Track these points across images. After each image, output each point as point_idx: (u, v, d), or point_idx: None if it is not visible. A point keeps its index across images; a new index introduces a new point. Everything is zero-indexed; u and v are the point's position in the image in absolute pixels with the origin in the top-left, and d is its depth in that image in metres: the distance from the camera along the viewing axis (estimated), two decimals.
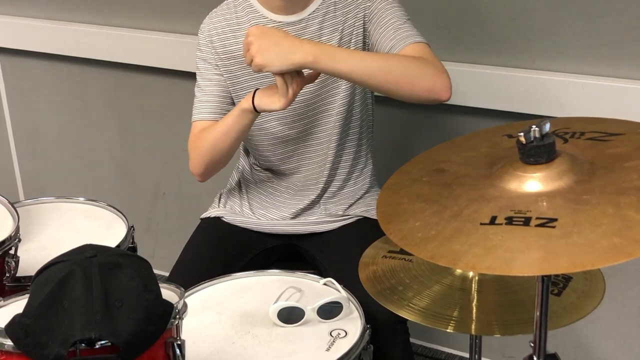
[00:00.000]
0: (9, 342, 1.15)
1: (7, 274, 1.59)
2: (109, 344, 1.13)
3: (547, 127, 1.18)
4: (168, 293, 1.29)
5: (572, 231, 1.06)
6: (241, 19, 1.84)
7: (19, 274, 1.62)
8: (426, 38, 1.79)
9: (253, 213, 1.96)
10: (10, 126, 3.16)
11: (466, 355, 2.47)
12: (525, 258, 1.05)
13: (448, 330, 1.36)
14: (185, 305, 1.27)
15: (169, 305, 1.21)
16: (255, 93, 1.70)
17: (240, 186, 2.03)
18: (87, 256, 1.17)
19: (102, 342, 1.12)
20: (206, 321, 1.57)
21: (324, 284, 1.64)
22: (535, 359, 1.24)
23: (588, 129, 1.31)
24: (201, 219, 2.02)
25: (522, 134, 1.17)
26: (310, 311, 1.53)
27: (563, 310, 1.38)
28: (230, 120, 1.75)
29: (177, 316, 1.23)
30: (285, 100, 1.65)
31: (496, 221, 1.12)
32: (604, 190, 1.12)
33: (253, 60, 1.62)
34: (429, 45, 1.75)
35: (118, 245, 1.75)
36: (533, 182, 1.17)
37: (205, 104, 1.84)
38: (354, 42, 1.81)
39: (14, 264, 1.60)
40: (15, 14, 2.92)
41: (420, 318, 1.38)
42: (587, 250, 1.03)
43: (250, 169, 2.00)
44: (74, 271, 1.15)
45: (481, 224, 1.12)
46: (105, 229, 1.89)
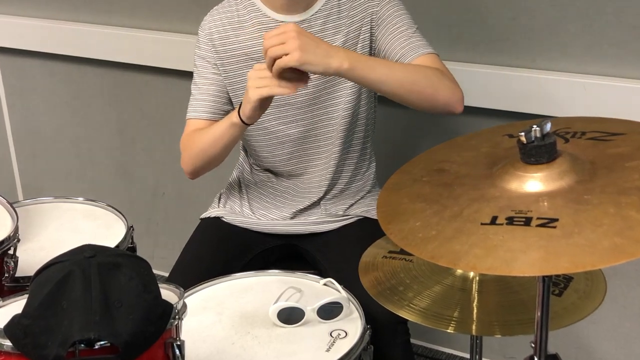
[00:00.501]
0: (8, 343, 1.15)
1: (6, 274, 1.59)
2: (108, 344, 1.12)
3: (548, 127, 1.18)
4: (167, 293, 1.29)
5: (573, 231, 1.05)
6: (243, 17, 1.83)
7: (18, 274, 1.61)
8: (427, 37, 1.79)
9: (253, 213, 1.96)
10: (9, 126, 3.16)
11: (467, 355, 2.47)
12: (526, 258, 1.05)
13: (449, 331, 1.36)
14: (184, 305, 1.26)
15: (168, 306, 1.21)
16: (240, 106, 1.68)
17: (240, 186, 2.02)
18: (87, 256, 1.17)
19: (102, 343, 1.12)
20: (206, 321, 1.56)
21: (324, 284, 1.64)
22: (536, 359, 1.24)
23: (589, 128, 1.31)
24: (201, 219, 2.02)
25: (523, 134, 1.17)
26: (310, 311, 1.53)
27: (564, 311, 1.38)
28: (220, 131, 1.74)
29: (177, 316, 1.23)
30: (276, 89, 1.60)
31: (497, 221, 1.11)
32: (605, 190, 1.12)
33: (292, 54, 1.54)
34: (438, 55, 1.76)
35: (117, 246, 1.75)
36: (534, 182, 1.17)
37: (200, 102, 1.84)
38: (361, 47, 1.81)
39: (13, 264, 1.59)
40: (14, 13, 2.92)
41: (420, 318, 1.38)
42: (588, 250, 1.02)
43: (250, 169, 2.00)
44: (73, 271, 1.15)
45: (482, 224, 1.12)
46: (104, 229, 1.88)
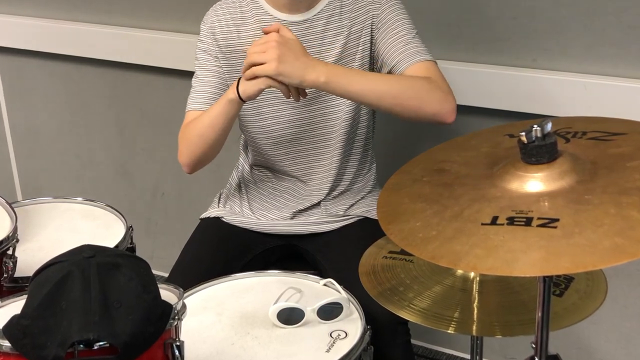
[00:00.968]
0: (6, 343, 1.14)
1: (5, 275, 1.59)
2: (108, 345, 1.12)
3: (549, 127, 1.17)
4: (167, 294, 1.29)
5: (574, 231, 1.05)
6: (245, 14, 1.84)
7: (17, 274, 1.61)
8: (427, 37, 1.78)
9: (253, 213, 1.96)
10: (8, 126, 3.15)
11: (467, 356, 2.47)
12: (527, 258, 1.05)
13: (449, 331, 1.36)
14: (184, 306, 1.26)
15: (167, 306, 1.21)
16: (239, 81, 1.69)
17: (240, 186, 2.02)
18: (86, 257, 1.17)
19: (101, 343, 1.12)
20: (206, 322, 1.56)
21: (324, 285, 1.64)
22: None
23: (590, 128, 1.31)
24: (201, 219, 2.02)
25: (524, 134, 1.17)
26: (310, 312, 1.53)
27: (565, 311, 1.38)
28: (217, 111, 1.74)
29: (176, 317, 1.23)
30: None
31: (497, 221, 1.11)
32: (606, 190, 1.12)
33: (269, 64, 1.61)
34: (436, 62, 1.76)
35: (117, 246, 1.75)
36: (534, 182, 1.16)
37: (201, 94, 1.84)
38: (362, 50, 1.81)
39: (11, 264, 1.59)
40: (14, 13, 2.92)
41: (421, 319, 1.38)
42: (589, 250, 1.02)
43: (250, 169, 2.00)
44: (72, 272, 1.14)
45: (482, 224, 1.12)
46: (103, 229, 1.88)
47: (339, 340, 1.48)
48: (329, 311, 1.54)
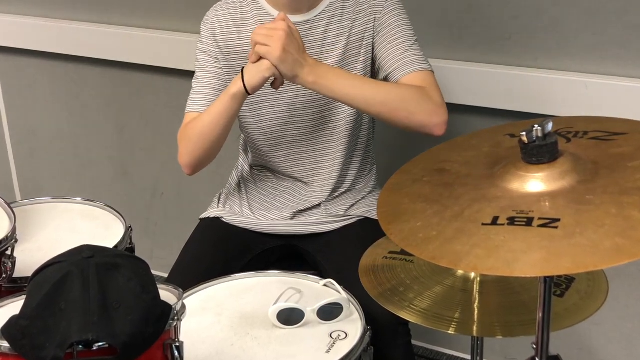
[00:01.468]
0: (5, 344, 1.14)
1: (4, 275, 1.58)
2: (107, 345, 1.12)
3: (550, 127, 1.17)
4: (166, 294, 1.28)
5: (575, 232, 1.05)
6: (246, 14, 1.83)
7: (16, 274, 1.60)
8: (428, 36, 1.78)
9: (253, 213, 1.95)
10: (7, 125, 3.15)
11: (468, 357, 2.46)
12: (528, 259, 1.04)
13: (449, 332, 1.36)
14: (183, 306, 1.26)
15: (167, 307, 1.21)
16: (242, 75, 1.69)
17: (239, 186, 2.02)
18: (85, 257, 1.17)
19: (100, 344, 1.12)
20: (205, 322, 1.56)
21: (324, 285, 1.63)
22: None
23: (591, 128, 1.31)
24: (200, 219, 2.01)
25: (525, 134, 1.16)
26: (310, 312, 1.52)
27: (566, 312, 1.37)
28: (218, 108, 1.73)
29: (176, 317, 1.23)
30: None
31: (498, 221, 1.11)
32: (607, 191, 1.12)
33: (274, 51, 1.61)
34: (433, 72, 1.76)
35: (116, 246, 1.74)
36: (535, 182, 1.16)
37: (201, 95, 1.83)
38: (364, 52, 1.81)
39: (10, 264, 1.58)
40: (12, 12, 2.91)
41: (421, 319, 1.38)
42: (590, 251, 1.02)
43: (250, 169, 1.99)
44: (71, 272, 1.14)
45: (483, 224, 1.12)
46: (103, 229, 1.87)
47: (339, 340, 1.48)
48: (329, 312, 1.53)
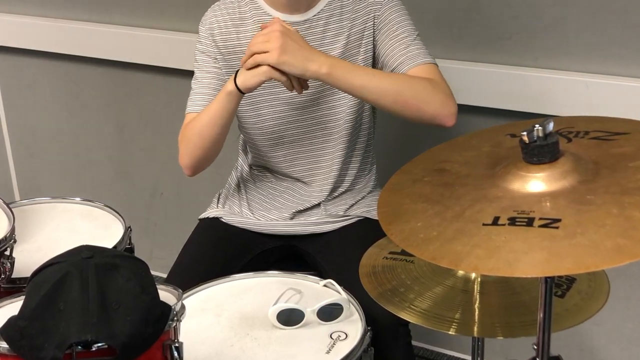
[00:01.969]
0: (4, 345, 1.14)
1: (3, 276, 1.58)
2: (106, 346, 1.12)
3: (551, 126, 1.17)
4: (166, 295, 1.28)
5: (576, 232, 1.05)
6: (244, 14, 1.83)
7: (15, 275, 1.60)
8: (428, 36, 1.78)
9: (252, 213, 1.95)
10: (6, 125, 3.15)
11: (468, 357, 2.44)
12: (529, 259, 1.04)
13: (450, 333, 1.35)
14: (183, 307, 1.26)
15: (166, 307, 1.21)
16: (236, 74, 1.69)
17: (239, 186, 2.01)
18: (84, 257, 1.16)
19: (99, 345, 1.12)
20: (205, 323, 1.55)
21: (324, 286, 1.63)
22: None
23: (592, 128, 1.31)
24: (199, 219, 2.01)
25: (525, 133, 1.16)
26: (310, 313, 1.52)
27: (567, 312, 1.37)
28: (215, 106, 1.73)
29: (175, 318, 1.22)
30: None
31: (499, 222, 1.11)
32: (608, 191, 1.11)
33: (272, 52, 1.61)
34: (437, 65, 1.76)
35: (115, 246, 1.74)
36: (536, 182, 1.16)
37: (200, 96, 1.83)
38: (364, 51, 1.81)
39: (9, 265, 1.58)
40: (11, 11, 2.91)
41: (421, 320, 1.37)
42: (591, 251, 1.02)
43: (249, 169, 1.99)
44: (71, 272, 1.14)
45: (484, 224, 1.11)
46: (102, 229, 1.87)
47: (339, 341, 1.47)
48: (329, 312, 1.53)
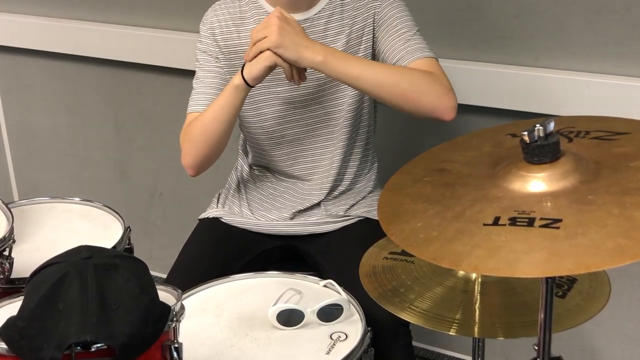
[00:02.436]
0: (3, 345, 1.14)
1: (1, 276, 1.58)
2: (105, 346, 1.12)
3: (552, 126, 1.17)
4: (165, 295, 1.28)
5: (577, 232, 1.04)
6: (245, 13, 1.83)
7: (13, 275, 1.60)
8: (428, 35, 1.77)
9: (252, 213, 1.95)
10: (5, 125, 3.14)
11: (469, 358, 2.45)
12: (529, 259, 1.04)
13: (450, 333, 1.35)
14: (182, 307, 1.26)
15: (166, 308, 1.20)
16: (243, 67, 1.69)
17: (239, 186, 2.01)
18: (83, 257, 1.16)
19: (98, 345, 1.11)
20: (204, 323, 1.55)
21: (324, 286, 1.63)
22: None
23: (593, 128, 1.30)
24: (199, 219, 2.00)
25: (526, 133, 1.16)
26: (310, 313, 1.52)
27: (568, 313, 1.37)
28: (221, 102, 1.73)
29: (175, 318, 1.22)
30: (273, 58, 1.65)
31: (499, 222, 1.10)
32: (609, 191, 1.11)
33: (269, 36, 1.62)
34: (437, 59, 1.76)
35: (114, 247, 1.74)
36: (537, 182, 1.16)
37: (202, 95, 1.82)
38: (364, 48, 1.81)
39: (8, 265, 1.58)
40: (10, 11, 2.91)
41: (422, 320, 1.37)
42: (592, 251, 1.02)
43: (249, 169, 1.99)
44: (70, 273, 1.14)
45: (484, 224, 1.11)
46: (101, 229, 1.87)
47: (339, 342, 1.47)
48: (329, 313, 1.52)
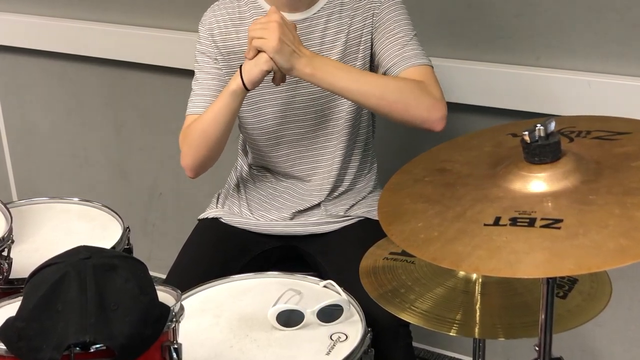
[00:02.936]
0: (1, 346, 1.14)
1: (0, 276, 1.58)
2: (104, 347, 1.11)
3: (552, 126, 1.17)
4: (164, 295, 1.28)
5: (578, 232, 1.04)
6: (244, 13, 1.82)
7: (12, 276, 1.59)
8: (429, 35, 1.77)
9: (252, 214, 1.94)
10: (3, 125, 3.14)
11: (469, 359, 2.45)
12: (530, 260, 1.04)
13: (451, 334, 1.35)
14: (182, 308, 1.25)
15: (165, 308, 1.20)
16: (241, 69, 1.69)
17: (238, 186, 2.01)
18: (82, 258, 1.16)
19: (97, 346, 1.11)
20: (204, 324, 1.55)
21: (324, 286, 1.63)
22: None
23: (594, 127, 1.30)
24: (199, 219, 2.00)
25: (527, 133, 1.16)
26: (310, 314, 1.51)
27: (568, 313, 1.37)
28: (219, 105, 1.73)
29: (174, 319, 1.22)
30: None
31: (500, 222, 1.10)
32: (611, 191, 1.11)
33: (270, 42, 1.61)
34: (432, 67, 1.76)
35: (113, 247, 1.73)
36: (538, 182, 1.15)
37: (201, 97, 1.82)
38: (363, 48, 1.81)
39: (7, 265, 1.58)
40: (9, 10, 2.91)
41: (422, 321, 1.37)
42: (593, 251, 1.01)
43: (249, 169, 1.98)
44: (68, 273, 1.13)
45: (485, 225, 1.11)
46: (100, 230, 1.86)
47: (339, 342, 1.47)
48: (329, 313, 1.52)
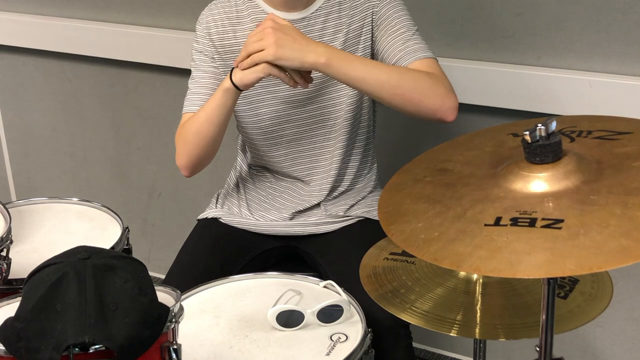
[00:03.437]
0: (0, 347, 1.13)
1: None
2: (103, 348, 1.11)
3: (554, 126, 1.17)
4: (164, 296, 1.28)
5: (579, 232, 1.04)
6: (241, 12, 1.82)
7: (11, 276, 1.59)
8: (429, 34, 1.77)
9: (251, 214, 1.94)
10: (2, 125, 3.14)
11: (470, 359, 2.46)
12: (531, 260, 1.03)
13: (451, 334, 1.35)
14: (181, 308, 1.25)
15: (164, 309, 1.20)
16: (232, 72, 1.68)
17: (238, 186, 2.00)
18: (81, 258, 1.16)
19: (96, 347, 1.11)
20: (203, 325, 1.55)
21: (324, 287, 1.62)
22: None
23: (595, 127, 1.30)
24: (198, 220, 2.00)
25: (528, 133, 1.16)
26: (310, 315, 1.51)
27: (569, 314, 1.37)
28: (212, 103, 1.72)
29: (173, 320, 1.22)
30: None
31: (501, 222, 1.10)
32: (612, 191, 1.11)
33: (267, 49, 1.60)
34: (436, 60, 1.75)
35: (112, 247, 1.73)
36: (539, 182, 1.15)
37: (197, 96, 1.82)
38: (362, 47, 1.80)
39: (5, 266, 1.58)
40: (7, 9, 2.91)
41: (422, 322, 1.37)
42: (595, 252, 1.01)
43: (248, 169, 1.98)
44: (67, 274, 1.13)
45: (485, 225, 1.11)
46: (99, 230, 1.86)
47: (339, 343, 1.47)
48: (329, 314, 1.52)
